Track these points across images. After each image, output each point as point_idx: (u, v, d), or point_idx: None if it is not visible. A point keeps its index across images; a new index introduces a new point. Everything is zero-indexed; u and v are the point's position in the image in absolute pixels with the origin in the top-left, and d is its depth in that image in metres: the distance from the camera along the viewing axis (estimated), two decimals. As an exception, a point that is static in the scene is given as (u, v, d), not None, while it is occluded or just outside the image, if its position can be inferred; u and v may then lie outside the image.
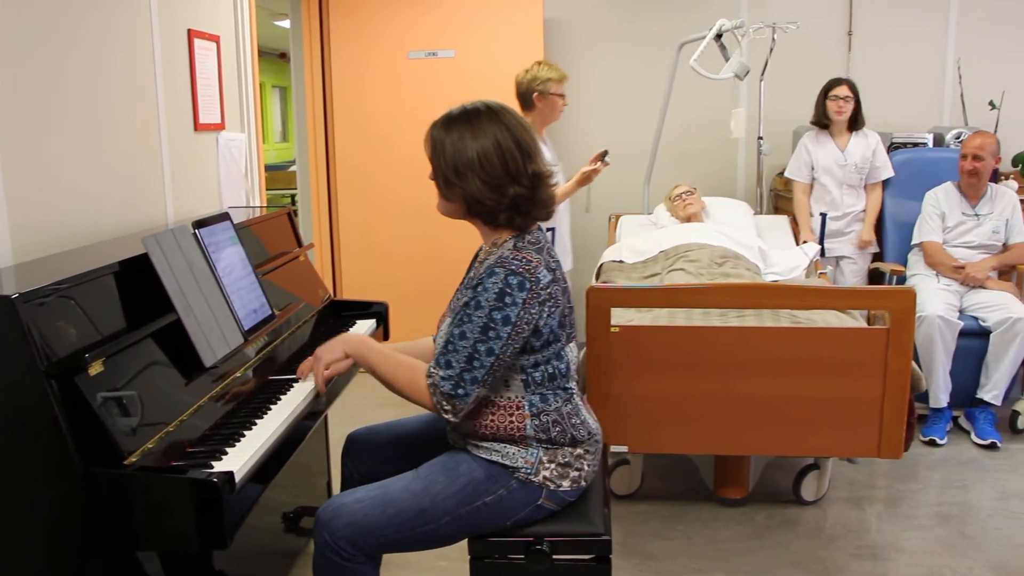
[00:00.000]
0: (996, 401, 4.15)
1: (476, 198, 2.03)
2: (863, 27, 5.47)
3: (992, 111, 5.37)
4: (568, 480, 2.11)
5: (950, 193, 4.46)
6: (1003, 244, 4.42)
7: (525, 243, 2.05)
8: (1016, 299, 4.20)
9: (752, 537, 3.24)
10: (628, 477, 3.49)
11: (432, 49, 5.12)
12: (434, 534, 2.08)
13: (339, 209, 5.33)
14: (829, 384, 2.92)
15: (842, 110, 4.60)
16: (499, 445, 2.09)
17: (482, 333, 1.95)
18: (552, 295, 2.01)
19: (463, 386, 1.97)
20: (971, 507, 3.52)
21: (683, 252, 3.94)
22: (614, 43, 5.49)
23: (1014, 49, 5.48)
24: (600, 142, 5.46)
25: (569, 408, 2.12)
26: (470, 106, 2.08)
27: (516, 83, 3.90)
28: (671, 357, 2.90)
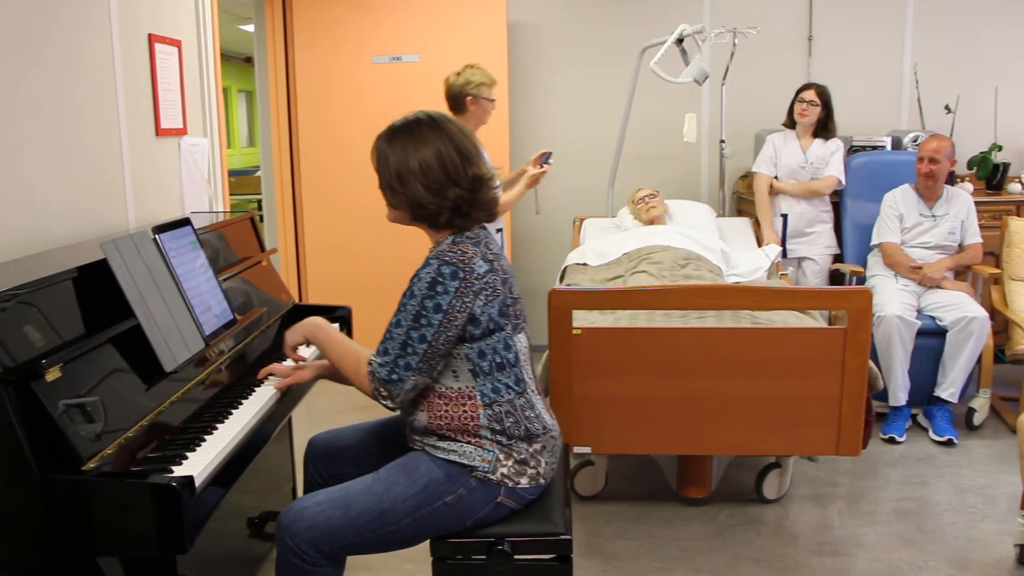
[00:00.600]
0: (953, 399, 4.22)
1: (419, 203, 2.10)
2: (823, 32, 5.55)
3: (948, 115, 5.48)
4: (526, 478, 2.14)
5: (908, 195, 4.53)
6: (959, 245, 4.50)
7: (463, 238, 2.13)
8: (971, 299, 4.28)
9: (715, 536, 3.28)
10: (592, 478, 3.52)
11: (396, 54, 5.14)
12: (396, 535, 2.10)
13: (304, 214, 5.32)
14: (789, 384, 2.96)
15: (805, 113, 4.66)
16: (456, 444, 2.11)
17: (414, 321, 2.02)
18: (489, 284, 2.07)
19: (397, 372, 2.03)
20: (928, 502, 3.59)
21: (646, 254, 3.98)
22: (577, 47, 5.53)
23: (969, 55, 5.59)
24: (564, 145, 5.53)
25: (522, 401, 2.16)
26: (412, 117, 2.15)
27: (447, 86, 3.90)
28: (633, 358, 2.93)
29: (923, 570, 3.05)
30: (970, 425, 4.35)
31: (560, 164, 5.53)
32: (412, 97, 4.52)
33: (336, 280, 5.27)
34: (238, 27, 8.50)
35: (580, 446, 3.01)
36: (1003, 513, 3.44)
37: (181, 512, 1.73)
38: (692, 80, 4.38)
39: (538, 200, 4.56)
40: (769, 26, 5.33)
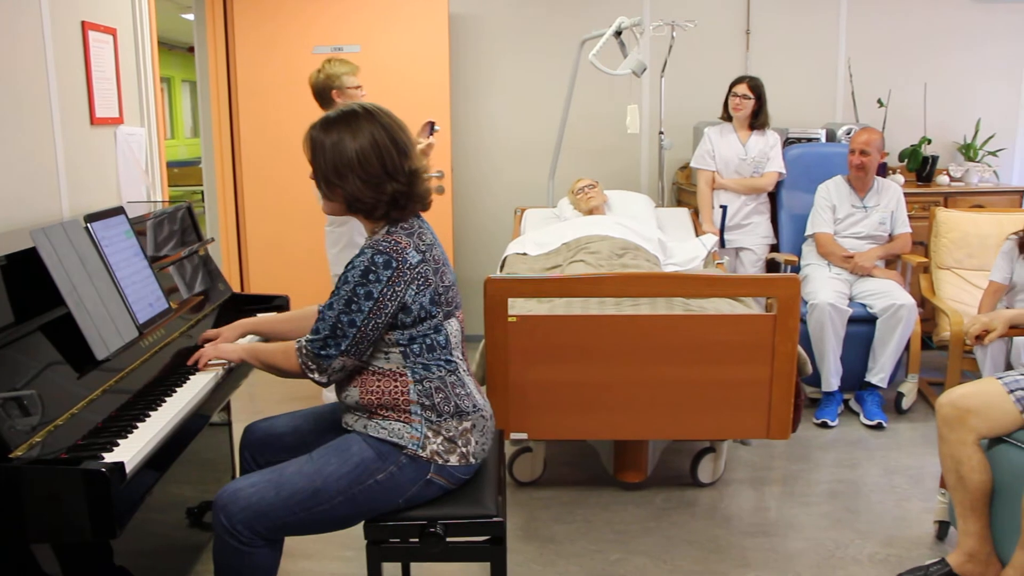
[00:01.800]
0: (883, 384, 4.35)
1: (356, 196, 2.13)
2: (760, 26, 5.65)
3: (880, 109, 5.62)
4: (456, 456, 2.18)
5: (840, 186, 4.64)
6: (889, 235, 4.62)
7: (397, 228, 2.16)
8: (900, 287, 4.41)
9: (650, 519, 3.35)
10: (531, 464, 3.57)
11: (338, 44, 5.13)
12: (329, 514, 2.13)
13: (245, 204, 5.30)
14: (720, 369, 3.03)
15: (739, 106, 4.75)
16: (386, 423, 2.16)
17: (346, 306, 2.07)
18: (421, 274, 2.11)
19: (326, 349, 2.10)
20: (858, 484, 3.70)
21: (584, 244, 4.03)
22: (519, 39, 5.57)
23: (900, 51, 5.74)
24: (506, 137, 5.58)
25: (453, 379, 2.21)
26: (347, 108, 2.17)
27: (311, 84, 3.89)
28: (568, 345, 2.98)
29: (849, 548, 3.15)
30: (899, 409, 4.49)
31: (502, 155, 5.60)
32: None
33: (277, 270, 5.25)
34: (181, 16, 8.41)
35: (517, 432, 3.05)
36: (927, 492, 3.56)
37: (111, 497, 1.74)
38: (630, 72, 4.44)
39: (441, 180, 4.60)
40: (708, 19, 5.41)
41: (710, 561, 3.05)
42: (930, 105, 5.72)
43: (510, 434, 3.06)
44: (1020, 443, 2.76)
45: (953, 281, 4.85)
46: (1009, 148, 5.90)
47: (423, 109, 5.03)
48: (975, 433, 2.78)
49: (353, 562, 3.02)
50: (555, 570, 2.99)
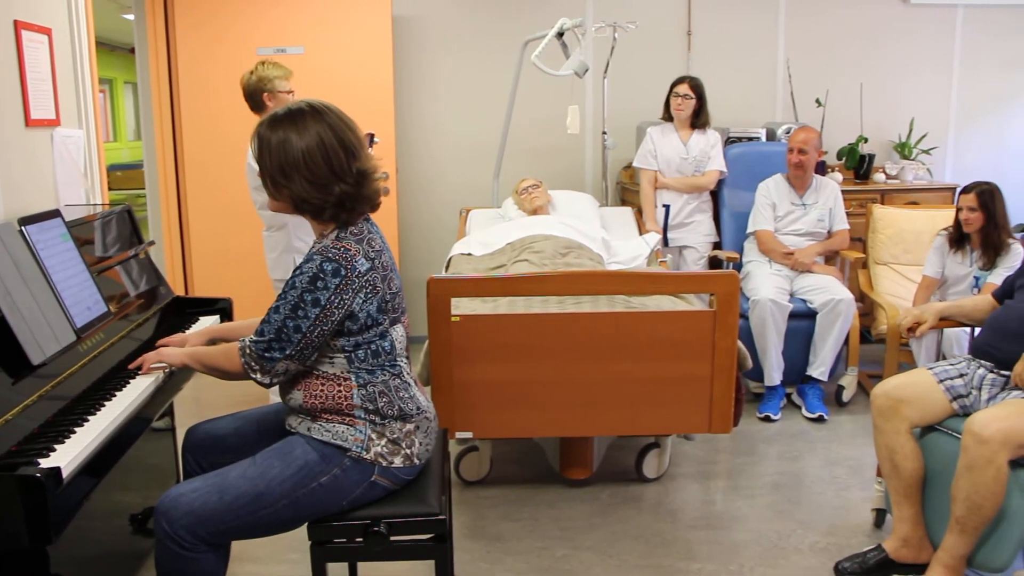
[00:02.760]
0: (823, 377, 4.44)
1: (303, 197, 2.10)
2: (702, 27, 5.73)
3: (819, 108, 5.74)
4: (400, 457, 2.19)
5: (780, 184, 4.73)
6: (827, 231, 4.71)
7: (347, 233, 2.14)
8: (839, 282, 4.50)
9: (596, 515, 3.38)
10: (477, 463, 3.59)
11: (281, 45, 5.10)
12: (273, 518, 2.12)
13: (188, 207, 5.24)
14: (663, 365, 3.07)
15: (681, 106, 4.81)
16: (330, 425, 2.16)
17: (292, 311, 2.05)
18: (369, 282, 2.10)
19: (270, 352, 2.08)
20: (800, 475, 3.77)
21: (529, 244, 4.06)
22: (462, 40, 5.58)
23: (837, 52, 5.86)
24: (451, 138, 5.59)
25: (397, 383, 2.21)
26: (294, 106, 2.13)
27: (242, 86, 3.86)
28: (511, 344, 3.00)
29: (791, 537, 3.21)
30: (839, 402, 4.59)
31: (447, 156, 5.61)
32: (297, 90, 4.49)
33: (221, 273, 5.20)
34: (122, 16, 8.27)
35: (462, 432, 3.06)
36: (866, 481, 3.64)
37: (47, 504, 1.72)
38: (572, 73, 4.48)
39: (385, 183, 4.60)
40: (649, 21, 5.48)
41: (655, 555, 3.09)
42: (866, 105, 5.85)
43: (455, 433, 3.07)
44: (950, 431, 2.85)
45: (890, 276, 4.97)
46: (941, 147, 6.06)
47: (367, 111, 5.03)
48: (908, 422, 2.86)
49: (300, 564, 3.01)
50: (502, 567, 3.01)
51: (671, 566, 3.02)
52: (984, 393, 2.84)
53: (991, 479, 2.54)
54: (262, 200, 3.89)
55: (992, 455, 2.53)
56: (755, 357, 4.35)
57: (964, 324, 3.24)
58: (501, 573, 2.98)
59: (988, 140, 6.16)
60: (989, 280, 4.13)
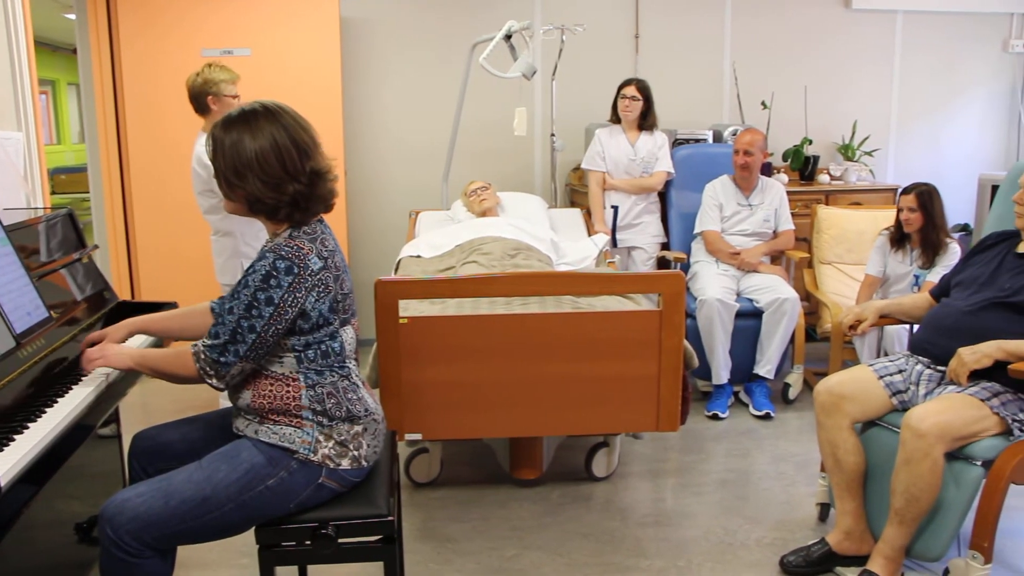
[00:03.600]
0: (770, 375, 4.51)
1: (257, 197, 2.10)
2: (649, 30, 5.79)
3: (764, 110, 5.83)
4: (348, 459, 2.19)
5: (726, 185, 4.79)
6: (773, 231, 4.78)
7: (300, 232, 2.14)
8: (784, 281, 4.57)
9: (546, 514, 3.40)
10: (427, 465, 3.59)
11: (227, 47, 5.05)
12: (220, 522, 2.11)
13: (134, 210, 5.17)
14: (610, 365, 3.09)
15: (628, 108, 4.85)
16: (277, 427, 2.15)
17: (246, 311, 2.04)
18: (322, 281, 2.10)
19: (225, 355, 2.07)
20: (748, 472, 3.83)
21: (477, 245, 4.07)
22: (411, 42, 5.57)
23: (782, 55, 5.96)
24: (400, 140, 5.58)
25: (346, 384, 2.21)
26: (248, 107, 2.13)
27: (188, 87, 3.84)
28: (460, 345, 3.00)
29: (738, 533, 3.26)
30: (786, 399, 4.66)
31: (396, 158, 5.60)
32: (244, 92, 4.44)
33: (168, 276, 5.13)
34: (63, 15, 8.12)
35: (411, 433, 3.06)
36: (811, 477, 3.71)
37: (-18, 512, 1.69)
38: (520, 75, 4.50)
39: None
40: (597, 23, 5.53)
41: (605, 553, 3.12)
42: (810, 107, 5.96)
43: (404, 435, 3.06)
44: (890, 426, 2.91)
45: (834, 275, 5.06)
46: (883, 149, 6.20)
47: (315, 113, 4.92)
48: (849, 418, 2.92)
49: (249, 568, 2.99)
50: (452, 568, 3.01)
51: (620, 563, 3.05)
52: (922, 388, 2.90)
53: (928, 471, 2.61)
54: (208, 205, 3.88)
55: (929, 448, 2.59)
56: (703, 356, 4.41)
57: (903, 321, 3.31)
58: (451, 574, 2.98)
59: (927, 142, 6.32)
60: (928, 278, 4.23)
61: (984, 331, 2.78)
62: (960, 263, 3.17)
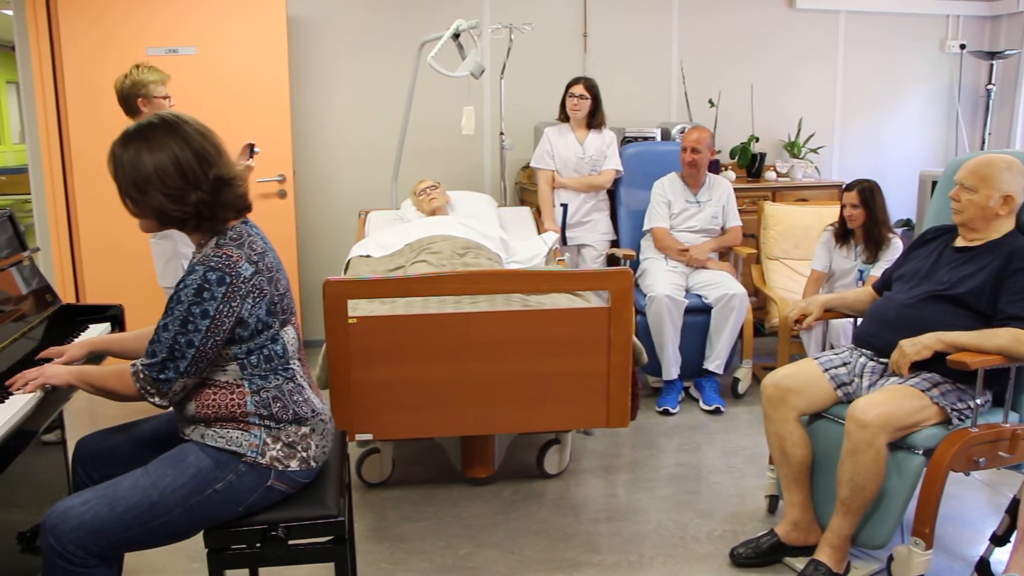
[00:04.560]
0: (719, 370, 4.56)
1: (162, 211, 2.08)
2: (597, 29, 5.82)
3: (712, 108, 5.89)
4: (296, 461, 2.17)
5: (674, 183, 4.83)
6: (721, 228, 4.84)
7: (227, 239, 2.12)
8: (733, 277, 4.62)
9: (499, 512, 3.41)
10: (379, 465, 3.57)
11: (172, 46, 4.98)
12: (167, 528, 2.08)
13: (78, 212, 5.07)
14: (560, 362, 3.09)
15: (577, 107, 4.87)
16: (224, 431, 2.13)
17: (182, 326, 2.02)
18: (256, 286, 2.08)
19: (165, 372, 2.04)
20: (699, 466, 3.87)
21: (427, 244, 4.06)
22: (359, 41, 5.54)
23: (729, 54, 6.03)
24: (349, 139, 5.55)
25: (291, 386, 2.19)
26: (145, 121, 2.11)
27: (116, 90, 3.78)
28: (410, 345, 2.99)
29: (689, 527, 3.30)
30: (735, 393, 4.72)
31: (345, 157, 5.57)
32: (189, 91, 4.41)
33: (113, 279, 5.04)
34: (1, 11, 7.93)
35: (362, 433, 3.04)
36: (761, 469, 3.76)
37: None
38: (469, 74, 4.50)
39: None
40: (545, 22, 5.55)
41: (557, 549, 3.13)
42: (757, 105, 6.04)
43: (355, 435, 3.05)
44: (835, 418, 2.96)
45: (781, 271, 5.13)
46: (828, 146, 6.30)
47: (262, 112, 4.95)
48: (796, 411, 2.97)
49: (198, 573, 2.95)
50: (405, 568, 3.01)
51: (573, 559, 3.06)
52: (865, 380, 2.96)
53: (872, 461, 2.66)
54: None
55: (872, 438, 2.65)
56: (653, 352, 4.45)
57: (848, 315, 3.37)
58: (404, 573, 2.98)
59: (870, 140, 6.44)
60: (872, 273, 4.31)
61: (924, 323, 2.84)
62: (901, 257, 3.24)
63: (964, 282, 2.85)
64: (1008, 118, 6.44)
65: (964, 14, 6.42)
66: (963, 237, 2.99)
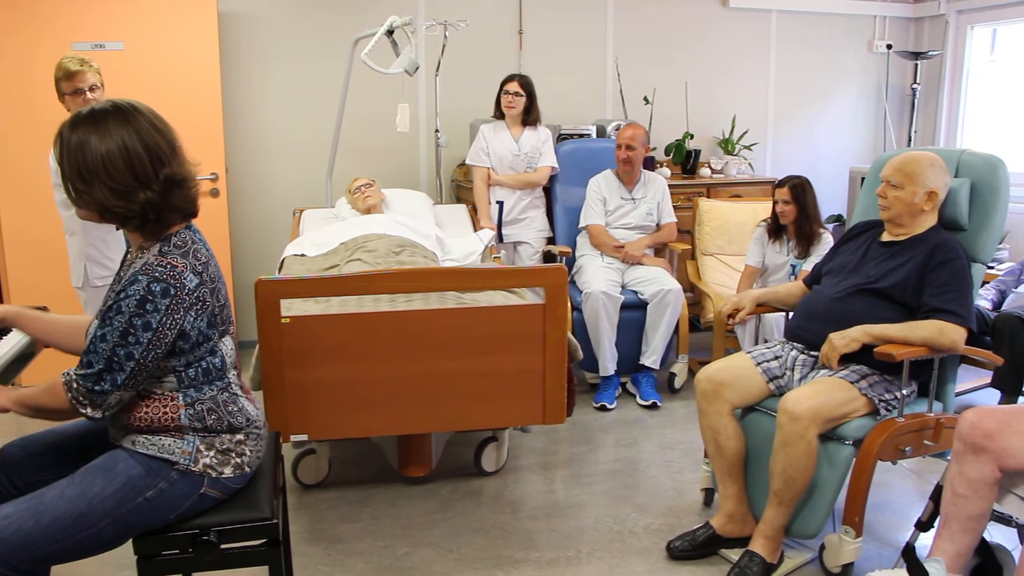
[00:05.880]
0: (655, 365, 4.60)
1: (104, 205, 1.98)
2: (532, 26, 5.83)
3: (647, 105, 5.94)
4: (230, 467, 2.13)
5: (610, 179, 4.86)
6: (656, 224, 4.88)
7: (171, 247, 2.03)
8: (668, 273, 4.67)
9: (437, 511, 3.39)
10: (315, 466, 3.53)
11: (99, 40, 4.85)
12: (96, 538, 2.01)
13: (3, 210, 4.92)
14: (495, 359, 3.08)
15: (511, 104, 4.88)
16: (155, 438, 2.07)
17: (121, 338, 1.92)
18: (200, 298, 2.02)
19: (101, 384, 1.94)
20: (636, 461, 3.90)
21: (362, 243, 4.02)
22: (293, 37, 5.46)
23: (664, 51, 6.09)
24: (283, 137, 5.47)
25: (225, 396, 2.14)
26: (99, 106, 2.00)
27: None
28: (344, 344, 2.96)
29: (627, 521, 3.31)
30: (672, 388, 4.77)
31: (279, 155, 5.50)
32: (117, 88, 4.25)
33: (41, 279, 4.90)
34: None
35: (297, 435, 3.00)
36: (697, 463, 3.80)
37: None
38: (403, 71, 4.47)
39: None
40: (480, 19, 5.54)
41: (495, 547, 3.13)
42: (691, 103, 6.11)
43: (290, 437, 3.00)
44: (768, 410, 3.01)
45: (716, 266, 5.20)
46: (761, 143, 6.40)
47: (193, 109, 4.86)
48: (729, 404, 3.01)
49: (129, 583, 2.89)
50: (342, 569, 2.98)
51: (511, 556, 3.06)
52: (796, 373, 3.01)
53: (803, 453, 2.70)
54: (60, 198, 3.69)
55: (803, 430, 2.69)
56: (589, 349, 4.47)
57: (779, 309, 3.42)
58: (341, 575, 2.94)
59: (802, 137, 6.56)
60: (804, 267, 4.38)
61: (852, 316, 2.90)
62: (830, 252, 3.30)
63: (890, 276, 2.92)
64: (933, 116, 6.62)
65: (890, 15, 6.58)
66: (889, 232, 3.06)
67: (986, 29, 6.39)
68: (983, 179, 3.05)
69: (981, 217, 3.04)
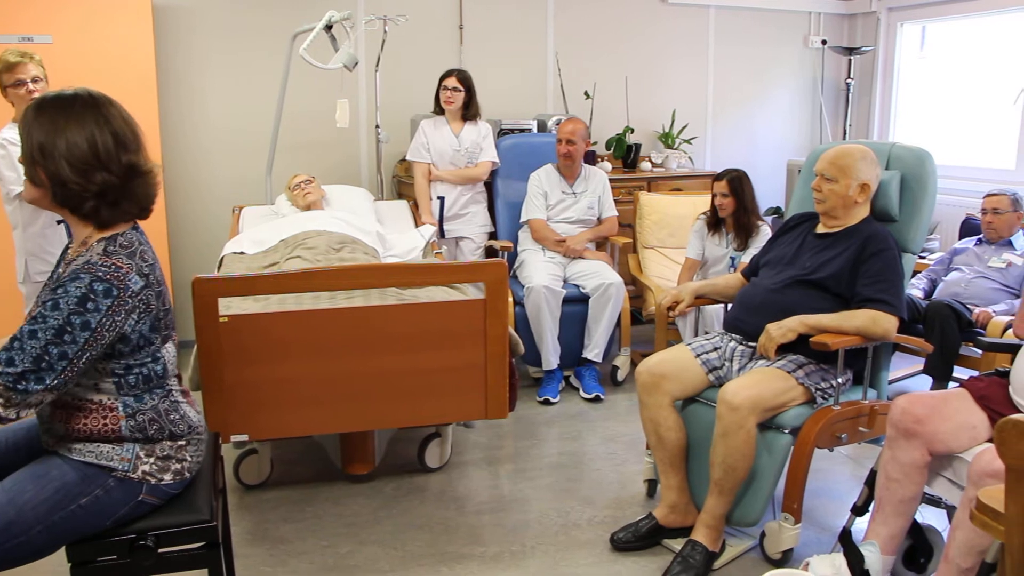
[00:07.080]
0: (598, 359, 4.62)
1: (62, 180, 1.93)
2: (472, 21, 5.81)
3: (587, 100, 5.97)
4: (170, 474, 2.09)
5: (551, 174, 4.87)
6: (598, 218, 4.90)
7: (117, 247, 1.98)
8: (609, 267, 4.70)
9: (381, 508, 3.38)
10: (257, 466, 3.49)
11: (26, 33, 4.73)
12: (26, 547, 1.95)
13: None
14: (436, 355, 3.07)
15: (450, 99, 4.85)
16: (93, 445, 2.02)
17: (56, 336, 1.85)
18: (143, 301, 1.97)
19: (24, 383, 1.83)
20: (580, 454, 3.92)
21: (302, 240, 3.98)
22: (230, 32, 5.36)
23: (604, 46, 6.13)
24: (221, 133, 5.39)
25: (167, 405, 2.10)
26: (70, 91, 1.99)
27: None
28: (284, 342, 2.93)
29: (571, 514, 3.33)
30: (615, 381, 4.80)
31: (217, 152, 5.41)
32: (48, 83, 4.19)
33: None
34: None
35: (237, 435, 2.96)
36: (640, 455, 3.83)
37: None
38: (342, 66, 4.43)
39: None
40: (420, 14, 5.51)
41: (440, 543, 3.12)
42: (631, 97, 6.15)
43: (230, 437, 2.96)
44: (708, 401, 3.05)
45: (657, 259, 5.25)
46: (701, 137, 6.48)
47: (127, 104, 4.58)
48: (669, 396, 3.04)
49: (65, 589, 2.82)
50: (286, 570, 2.95)
51: (455, 552, 3.06)
52: (735, 364, 3.05)
53: (742, 442, 2.75)
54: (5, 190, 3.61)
55: (742, 420, 2.73)
56: (532, 343, 4.48)
57: (719, 301, 3.47)
58: (284, 575, 2.92)
59: (741, 130, 6.66)
60: (743, 260, 4.45)
61: (788, 307, 2.95)
62: (767, 244, 3.36)
63: (825, 267, 2.97)
64: (866, 110, 6.77)
65: (825, 11, 6.70)
66: (824, 224, 3.12)
67: (915, 26, 6.55)
68: (912, 171, 3.12)
69: (911, 208, 3.11)
